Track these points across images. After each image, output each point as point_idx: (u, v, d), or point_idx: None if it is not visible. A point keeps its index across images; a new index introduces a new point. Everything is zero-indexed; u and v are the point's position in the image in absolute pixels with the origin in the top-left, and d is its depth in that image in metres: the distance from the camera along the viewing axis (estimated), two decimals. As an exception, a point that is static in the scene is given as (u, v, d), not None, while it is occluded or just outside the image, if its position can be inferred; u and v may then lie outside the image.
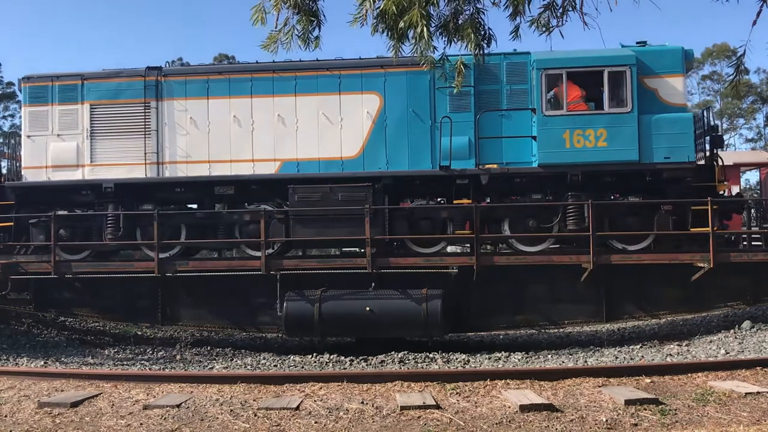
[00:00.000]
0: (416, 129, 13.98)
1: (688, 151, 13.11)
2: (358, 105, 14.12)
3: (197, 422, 7.28)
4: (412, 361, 12.34)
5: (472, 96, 13.82)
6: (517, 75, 13.83)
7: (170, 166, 14.43)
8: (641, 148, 13.09)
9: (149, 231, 14.08)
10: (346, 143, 14.09)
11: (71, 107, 14.64)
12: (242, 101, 14.34)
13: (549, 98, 13.43)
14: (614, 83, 13.24)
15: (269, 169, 14.17)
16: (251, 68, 14.61)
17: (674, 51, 13.51)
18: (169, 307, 14.91)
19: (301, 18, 5.87)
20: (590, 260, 12.96)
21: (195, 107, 14.44)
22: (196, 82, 14.52)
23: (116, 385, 8.99)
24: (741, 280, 14.11)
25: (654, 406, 7.42)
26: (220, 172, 14.25)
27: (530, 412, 7.32)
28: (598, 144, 13.14)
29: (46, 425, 7.27)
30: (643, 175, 13.46)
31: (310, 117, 14.18)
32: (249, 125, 14.30)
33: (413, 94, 14.03)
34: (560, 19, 6.19)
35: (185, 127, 14.44)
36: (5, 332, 14.88)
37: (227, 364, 12.62)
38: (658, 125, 13.12)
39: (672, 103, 13.41)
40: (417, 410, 7.48)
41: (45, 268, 14.01)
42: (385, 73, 14.08)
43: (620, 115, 13.19)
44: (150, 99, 14.46)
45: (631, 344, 13.47)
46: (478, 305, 14.29)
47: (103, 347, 14.40)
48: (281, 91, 14.29)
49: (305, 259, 14.65)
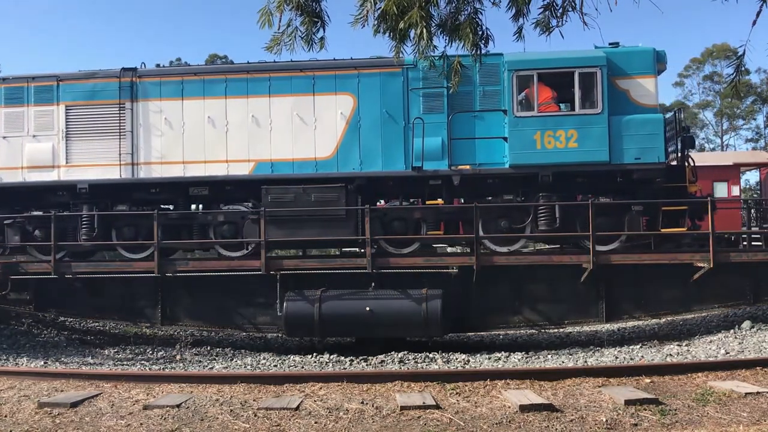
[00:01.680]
0: (390, 130, 13.97)
1: (658, 152, 13.14)
2: (332, 106, 14.11)
3: (197, 422, 7.28)
4: (412, 361, 12.34)
5: (444, 97, 13.81)
6: (490, 76, 13.81)
7: (145, 166, 14.39)
8: (611, 149, 13.11)
9: (124, 232, 14.23)
10: (320, 144, 14.06)
11: (47, 108, 14.63)
12: (216, 102, 14.33)
13: (520, 99, 13.47)
14: (585, 84, 13.28)
15: (243, 170, 14.16)
16: (225, 69, 14.77)
17: (645, 52, 13.53)
18: (168, 307, 14.90)
19: (305, 19, 5.87)
20: (590, 260, 12.97)
21: (170, 108, 14.42)
22: (171, 83, 14.51)
23: (116, 385, 8.99)
24: (741, 280, 14.11)
25: (654, 406, 7.42)
26: (194, 172, 14.23)
27: (530, 412, 7.32)
28: (569, 145, 13.17)
29: (46, 425, 7.26)
30: (614, 175, 13.47)
31: (284, 118, 14.17)
32: (223, 126, 14.28)
33: (387, 95, 14.02)
34: (560, 19, 6.19)
35: (160, 128, 14.43)
36: (5, 332, 14.90)
37: (227, 364, 12.62)
38: (629, 126, 13.15)
39: (643, 104, 13.41)
40: (417, 410, 7.48)
41: (45, 268, 14.01)
42: (358, 74, 14.09)
43: (590, 116, 13.22)
44: (125, 100, 14.44)
45: (631, 344, 13.47)
46: (478, 305, 14.29)
47: (103, 347, 14.40)
48: (255, 92, 14.27)
49: (305, 259, 14.66)
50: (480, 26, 6.08)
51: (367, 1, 5.63)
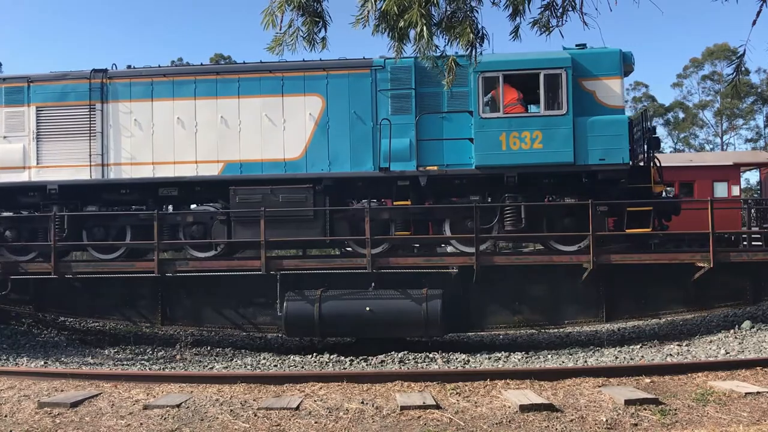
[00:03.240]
0: (358, 131, 14.00)
1: (623, 153, 13.16)
2: (301, 107, 14.13)
3: (197, 422, 7.28)
4: (412, 361, 12.34)
5: (412, 98, 13.83)
6: (458, 78, 13.67)
7: (115, 167, 14.41)
8: (576, 150, 13.15)
9: (94, 232, 14.32)
10: (289, 145, 14.08)
11: (18, 109, 14.68)
12: (186, 103, 14.35)
13: (486, 101, 13.50)
14: (550, 86, 13.31)
15: (212, 171, 14.17)
16: (194, 70, 14.68)
17: (612, 54, 13.55)
18: (168, 307, 14.91)
19: (306, 19, 5.87)
20: (590, 260, 12.97)
21: (139, 109, 14.45)
22: (141, 84, 14.53)
23: (116, 385, 8.99)
24: (741, 280, 14.12)
25: (654, 406, 7.42)
26: (164, 173, 14.26)
27: (530, 412, 7.31)
28: (534, 146, 13.20)
29: (46, 425, 7.26)
30: (579, 176, 13.48)
31: (253, 119, 14.19)
32: (192, 127, 14.31)
33: (355, 96, 14.04)
34: (560, 19, 6.19)
35: (130, 129, 14.46)
36: (5, 332, 14.90)
37: (227, 364, 12.62)
38: (593, 127, 13.17)
39: (609, 105, 13.44)
40: (417, 410, 7.47)
41: (45, 269, 14.01)
42: (327, 75, 14.12)
43: (555, 117, 13.25)
44: (95, 101, 14.46)
45: (631, 344, 13.47)
46: (478, 305, 14.29)
47: (103, 347, 14.40)
48: (224, 93, 14.30)
49: (305, 259, 14.66)
50: (475, 24, 6.07)
51: (368, 1, 5.63)
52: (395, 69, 13.80)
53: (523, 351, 13.13)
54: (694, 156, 30.40)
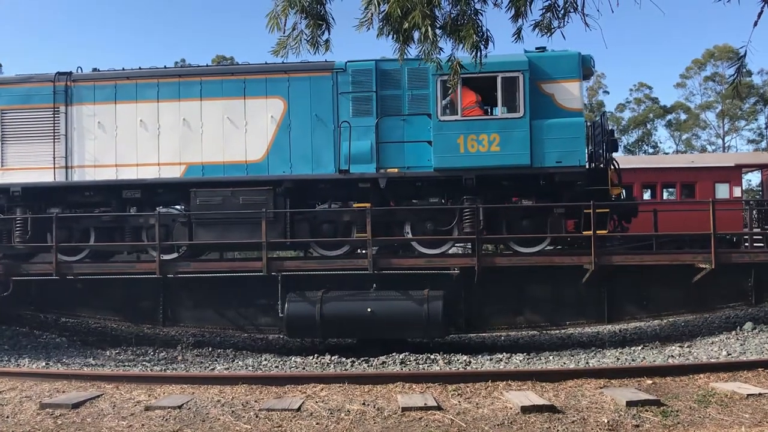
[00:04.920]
0: (320, 133, 14.02)
1: (579, 155, 13.20)
2: (263, 109, 14.14)
3: (199, 423, 7.28)
4: (413, 363, 12.34)
5: (373, 101, 13.85)
6: (419, 80, 13.82)
7: (79, 170, 14.46)
8: (533, 153, 13.16)
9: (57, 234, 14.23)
10: (251, 147, 14.10)
11: None
12: (148, 105, 14.37)
13: (445, 104, 13.51)
14: (507, 88, 13.32)
15: (175, 173, 14.20)
16: (157, 73, 14.67)
17: (571, 56, 13.54)
18: (170, 308, 14.91)
19: (310, 22, 5.88)
20: (592, 261, 12.97)
21: (103, 112, 14.48)
22: (105, 87, 14.56)
23: (118, 386, 9.00)
24: (743, 281, 14.10)
25: (655, 408, 7.42)
26: (127, 176, 14.30)
27: (532, 413, 7.31)
28: (491, 148, 13.23)
29: (47, 426, 7.27)
30: (537, 178, 13.49)
31: (215, 121, 14.20)
32: (155, 129, 14.33)
33: (317, 99, 14.06)
34: (562, 20, 6.19)
35: (93, 132, 14.48)
36: (7, 333, 14.91)
37: (228, 365, 12.62)
38: (550, 130, 13.17)
39: (568, 108, 13.41)
40: (418, 411, 7.48)
41: (46, 269, 14.02)
42: (289, 78, 14.13)
43: (512, 120, 13.28)
44: (59, 104, 14.51)
45: (633, 345, 13.47)
46: (480, 306, 14.28)
47: (105, 348, 14.39)
48: (187, 96, 14.31)
49: (307, 261, 14.67)
50: (480, 27, 6.08)
51: (371, 3, 5.64)
52: (356, 72, 13.92)
53: (525, 352, 13.11)
54: (695, 157, 30.41)
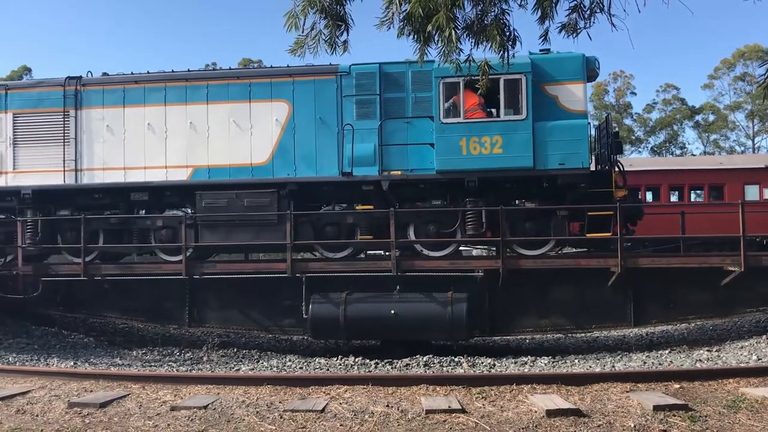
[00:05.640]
0: (324, 136, 14.09)
1: (582, 158, 13.11)
2: (268, 112, 14.29)
3: (224, 424, 7.32)
4: (437, 365, 12.30)
5: (377, 104, 13.90)
6: (422, 83, 13.86)
7: (88, 172, 14.72)
8: (536, 155, 13.12)
9: (67, 236, 14.62)
10: (256, 150, 14.24)
11: None
12: (156, 109, 14.60)
13: (448, 106, 13.49)
14: (510, 91, 13.26)
15: (181, 176, 14.40)
16: (165, 77, 14.88)
17: (575, 58, 13.43)
18: (196, 308, 15.03)
19: (329, 22, 5.90)
20: (618, 263, 12.83)
21: (112, 115, 14.73)
22: (113, 91, 14.81)
23: (144, 386, 9.08)
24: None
25: (683, 413, 7.30)
26: (134, 178, 14.51)
27: (557, 417, 7.24)
28: (494, 151, 13.19)
29: (75, 425, 7.36)
30: (540, 180, 13.43)
31: (221, 124, 14.39)
32: (162, 132, 14.53)
33: (321, 102, 14.15)
34: (588, 20, 6.15)
35: (102, 135, 14.75)
36: (36, 333, 15.15)
37: (253, 366, 12.69)
38: (553, 132, 13.12)
39: (572, 110, 13.33)
40: (442, 414, 7.44)
41: (74, 270, 14.22)
42: (293, 81, 14.27)
43: (515, 122, 13.23)
44: (69, 108, 14.80)
45: (660, 349, 13.30)
46: (504, 309, 14.20)
47: (131, 348, 14.56)
48: (194, 99, 14.51)
49: (330, 262, 14.70)
50: (507, 27, 6.05)
51: (392, 3, 5.64)
52: (360, 75, 14.01)
53: (550, 355, 13.02)
54: (724, 159, 29.94)
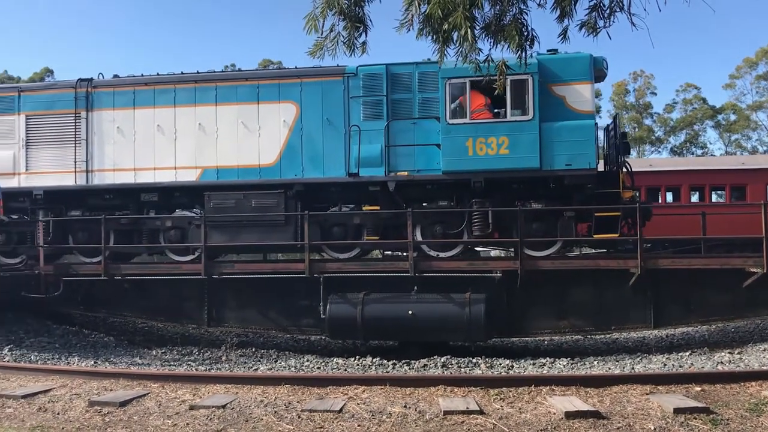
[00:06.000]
0: (331, 137, 14.15)
1: (589, 158, 13.02)
2: (276, 114, 14.38)
3: (242, 423, 7.36)
4: (455, 366, 12.27)
5: (384, 105, 13.92)
6: (429, 84, 13.86)
7: (99, 173, 14.92)
8: (542, 155, 13.05)
9: (78, 236, 14.80)
10: (264, 151, 14.34)
11: (9, 118, 15.35)
12: (166, 111, 14.75)
13: (454, 107, 13.46)
14: (517, 91, 13.19)
15: (190, 177, 14.55)
16: (174, 79, 15.02)
17: (582, 59, 13.34)
18: (215, 308, 15.11)
19: (347, 24, 5.91)
20: (638, 265, 12.72)
21: (122, 117, 14.92)
22: (124, 93, 14.99)
23: (163, 385, 9.15)
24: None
25: (704, 416, 7.23)
26: (144, 179, 14.66)
27: (576, 419, 7.20)
28: (500, 151, 13.16)
29: (96, 423, 7.43)
30: (547, 181, 13.36)
31: (229, 125, 14.50)
32: (172, 134, 14.68)
33: (328, 103, 14.20)
34: (607, 20, 6.10)
35: (113, 137, 14.93)
36: (57, 332, 15.32)
37: (271, 366, 12.73)
38: (560, 132, 13.04)
39: (579, 110, 13.25)
40: (460, 415, 7.42)
41: (95, 270, 14.36)
42: (301, 82, 14.35)
43: (521, 122, 13.17)
44: (80, 110, 15.01)
45: (680, 351, 13.16)
46: (523, 310, 14.12)
47: (151, 348, 14.66)
48: (202, 101, 14.64)
49: (348, 263, 14.73)
50: (525, 27, 6.03)
51: (411, 5, 5.64)
52: (367, 76, 14.04)
53: (569, 357, 12.93)
54: (746, 158, 29.59)
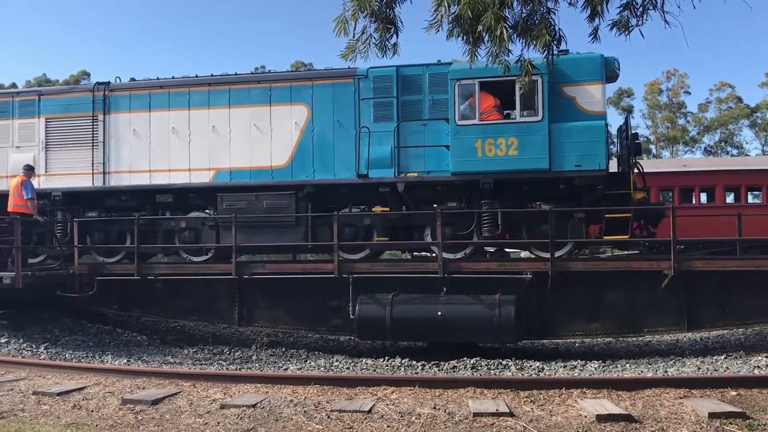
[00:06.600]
0: (342, 138, 14.22)
1: (599, 159, 12.87)
2: (287, 116, 14.51)
3: (272, 422, 7.40)
4: (484, 368, 12.21)
5: (394, 106, 13.96)
6: (439, 85, 13.84)
7: (115, 175, 15.20)
8: (552, 156, 12.96)
9: (95, 237, 15.10)
10: (276, 153, 14.50)
11: (29, 121, 15.71)
12: (180, 113, 14.97)
13: (463, 108, 13.41)
14: (526, 92, 13.05)
15: (204, 178, 14.76)
16: (189, 82, 15.21)
17: (593, 59, 13.19)
18: (245, 308, 15.23)
19: (379, 26, 5.93)
20: (671, 266, 12.53)
21: (138, 119, 15.20)
22: (140, 96, 15.26)
23: (195, 384, 9.25)
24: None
25: (741, 421, 7.09)
26: (160, 181, 14.90)
27: (607, 422, 7.10)
28: (509, 152, 13.11)
29: (128, 421, 7.54)
30: (557, 182, 13.28)
31: (242, 128, 14.69)
32: (186, 136, 14.91)
33: (339, 105, 14.29)
34: (640, 18, 6.03)
35: (129, 139, 15.20)
36: (92, 331, 15.58)
37: (301, 366, 12.81)
38: (570, 133, 12.95)
39: (590, 111, 13.12)
40: (490, 417, 7.38)
41: (128, 270, 14.58)
42: (312, 85, 14.50)
43: (531, 123, 13.10)
44: (98, 113, 15.30)
45: (715, 354, 12.93)
46: (553, 312, 13.98)
47: (183, 347, 14.84)
48: (216, 104, 14.86)
49: (377, 263, 14.74)
50: (552, 26, 5.99)
51: (441, 5, 5.63)
52: (378, 78, 14.12)
53: (600, 359, 12.78)
54: None
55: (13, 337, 13.77)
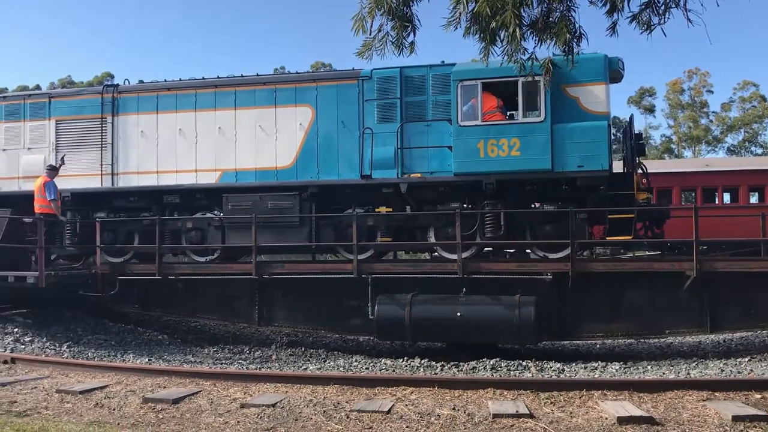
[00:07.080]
0: (346, 139, 14.27)
1: (602, 159, 12.77)
2: (292, 117, 14.60)
3: (291, 422, 7.42)
4: (504, 369, 12.16)
5: (398, 107, 13.98)
6: (442, 86, 13.83)
7: (123, 176, 15.37)
8: (554, 157, 12.90)
9: (104, 237, 15.11)
10: (281, 154, 14.58)
11: (40, 123, 15.94)
12: (187, 115, 15.13)
13: (466, 109, 13.38)
14: (529, 93, 13.06)
15: (210, 179, 14.90)
16: (195, 84, 15.34)
17: (596, 59, 13.09)
18: (265, 308, 15.30)
19: (396, 24, 5.92)
20: (693, 267, 12.39)
21: (146, 121, 15.37)
22: (148, 98, 15.43)
23: (215, 383, 9.30)
24: None
25: (765, 424, 6.97)
26: (167, 182, 15.04)
27: (629, 424, 7.03)
28: (512, 153, 13.07)
29: (150, 420, 7.60)
30: (559, 183, 13.22)
31: (248, 129, 14.79)
32: (193, 137, 15.05)
33: (343, 106, 14.34)
34: (662, 16, 5.96)
35: (137, 140, 15.37)
36: (114, 330, 15.74)
37: (320, 365, 12.84)
38: (572, 134, 12.87)
39: (594, 111, 13.03)
40: (509, 418, 7.34)
41: (150, 270, 14.71)
42: (317, 86, 14.57)
43: (533, 124, 13.08)
44: (107, 114, 15.50)
45: (739, 356, 12.77)
46: (574, 312, 13.88)
47: (203, 346, 14.94)
48: (222, 105, 14.98)
49: (396, 264, 14.73)
50: (573, 24, 5.95)
51: (459, 3, 5.62)
52: (381, 79, 14.17)
53: (621, 361, 12.68)
54: None
55: (37, 336, 13.94)
